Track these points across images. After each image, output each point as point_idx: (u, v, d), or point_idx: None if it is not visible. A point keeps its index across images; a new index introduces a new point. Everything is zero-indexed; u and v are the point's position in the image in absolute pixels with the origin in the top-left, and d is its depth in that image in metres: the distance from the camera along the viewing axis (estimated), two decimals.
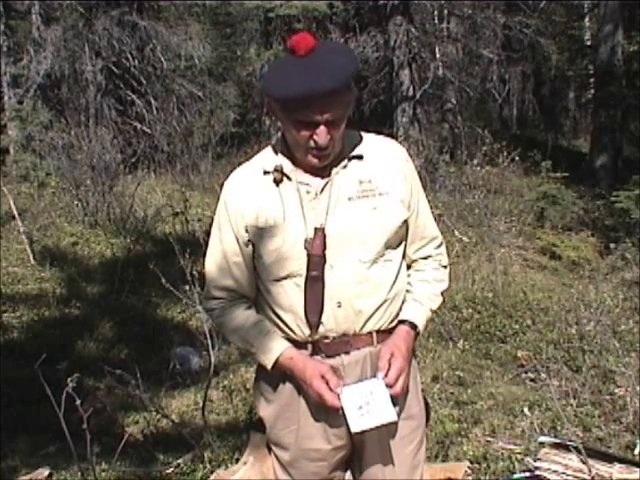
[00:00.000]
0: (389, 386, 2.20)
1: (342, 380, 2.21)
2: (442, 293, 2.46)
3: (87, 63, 15.38)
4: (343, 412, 2.18)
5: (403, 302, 2.36)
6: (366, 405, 2.17)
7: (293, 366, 2.24)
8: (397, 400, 2.23)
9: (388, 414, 2.18)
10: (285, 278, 2.24)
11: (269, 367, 2.27)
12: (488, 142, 11.95)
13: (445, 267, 2.48)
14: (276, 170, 2.23)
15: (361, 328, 2.26)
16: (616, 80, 16.66)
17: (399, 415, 2.27)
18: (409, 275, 2.42)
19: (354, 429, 2.17)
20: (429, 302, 2.40)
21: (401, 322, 2.34)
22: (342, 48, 2.33)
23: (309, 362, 2.23)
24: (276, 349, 2.25)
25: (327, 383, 2.18)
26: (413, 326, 2.34)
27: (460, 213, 11.35)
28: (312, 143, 2.14)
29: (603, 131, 16.69)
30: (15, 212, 8.84)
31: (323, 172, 2.23)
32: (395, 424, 2.33)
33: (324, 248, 2.19)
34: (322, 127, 2.11)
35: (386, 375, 2.21)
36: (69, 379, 3.04)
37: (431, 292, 2.42)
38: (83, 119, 14.27)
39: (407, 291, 2.39)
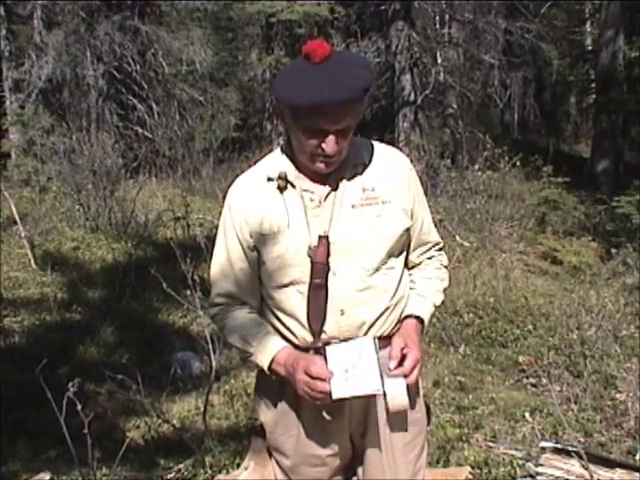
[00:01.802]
0: (405, 376, 2.16)
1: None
2: (444, 290, 2.46)
3: (89, 68, 15.42)
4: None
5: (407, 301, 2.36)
6: (353, 369, 2.12)
7: (284, 367, 2.20)
8: (410, 391, 2.19)
9: (373, 385, 2.11)
10: (288, 285, 2.23)
11: (265, 366, 2.23)
12: (489, 147, 11.98)
13: (446, 267, 2.50)
14: (280, 177, 2.23)
15: (363, 335, 2.24)
16: (617, 85, 16.70)
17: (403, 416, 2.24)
18: (411, 274, 2.43)
19: (335, 395, 2.10)
20: (432, 297, 2.40)
21: (407, 317, 2.33)
22: (358, 58, 2.29)
23: (297, 360, 2.17)
24: (273, 347, 2.23)
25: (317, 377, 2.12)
26: (420, 320, 2.33)
27: (461, 218, 11.34)
28: (320, 151, 2.13)
29: (604, 136, 16.72)
30: (16, 217, 8.85)
31: (327, 179, 2.23)
32: (397, 431, 2.33)
33: (328, 256, 2.19)
34: (332, 136, 2.10)
35: (400, 364, 2.17)
36: (70, 384, 3.04)
37: (434, 288, 2.42)
38: (84, 124, 14.30)
39: (410, 288, 2.39)
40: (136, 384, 4.20)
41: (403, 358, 2.19)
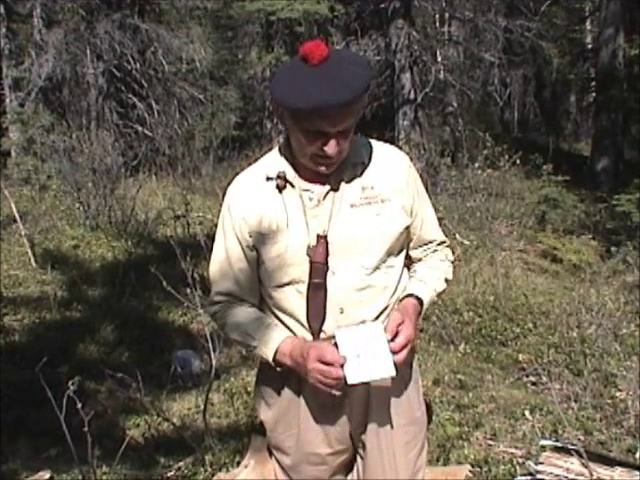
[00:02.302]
0: (393, 353, 2.13)
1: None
2: (447, 280, 2.44)
3: (88, 66, 15.43)
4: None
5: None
6: (364, 354, 2.11)
7: (291, 356, 2.19)
8: (397, 369, 2.16)
9: (387, 368, 2.11)
10: (287, 284, 2.23)
11: (270, 358, 2.23)
12: (489, 145, 11.97)
13: (451, 262, 2.49)
14: (279, 177, 2.22)
15: None
16: (617, 83, 16.69)
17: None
18: (414, 266, 2.42)
19: (350, 380, 2.09)
20: (434, 283, 2.38)
21: (406, 297, 2.30)
22: (356, 57, 2.30)
23: (305, 348, 2.16)
24: (276, 338, 2.22)
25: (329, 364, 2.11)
26: (419, 301, 2.31)
27: (461, 216, 11.33)
28: (320, 152, 2.12)
29: (604, 134, 16.71)
30: (16, 215, 8.85)
31: (326, 179, 2.22)
32: (397, 429, 2.34)
33: (327, 255, 2.18)
34: (333, 138, 2.09)
35: (392, 340, 2.14)
36: (70, 382, 3.04)
37: (436, 276, 2.41)
38: (84, 122, 14.31)
39: (412, 277, 2.39)
40: (136, 382, 4.19)
41: (396, 335, 2.16)
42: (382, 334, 2.15)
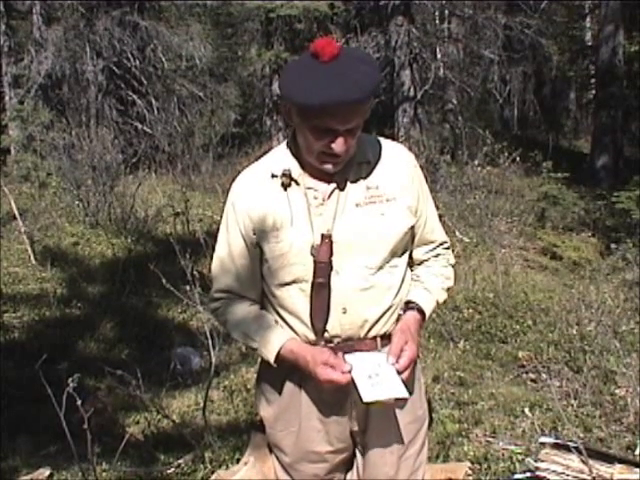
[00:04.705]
0: (398, 372, 2.16)
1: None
2: (447, 289, 2.45)
3: (88, 63, 15.42)
4: (353, 380, 2.13)
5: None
6: (375, 376, 2.14)
7: (295, 359, 2.20)
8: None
9: (399, 389, 2.14)
10: (290, 283, 2.22)
11: (272, 361, 2.23)
12: (489, 142, 11.97)
13: (452, 266, 2.49)
14: (284, 174, 2.21)
15: (366, 333, 2.24)
16: (617, 80, 16.67)
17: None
18: (417, 270, 2.42)
19: (366, 398, 2.11)
20: (437, 293, 2.39)
21: (409, 305, 2.31)
22: (365, 56, 2.29)
23: (309, 353, 2.18)
24: (277, 341, 2.23)
25: (333, 368, 2.14)
26: (421, 312, 2.32)
27: (461, 213, 11.34)
28: (328, 150, 2.12)
29: (604, 131, 16.69)
30: (16, 212, 8.84)
31: (331, 177, 2.21)
32: (399, 428, 2.34)
33: (331, 255, 2.17)
34: (341, 136, 2.09)
35: (396, 361, 2.17)
36: (70, 379, 3.04)
37: (440, 285, 2.41)
38: (84, 119, 14.25)
39: (415, 281, 2.38)
40: (136, 379, 4.20)
41: (400, 355, 2.19)
42: (389, 363, 2.18)
